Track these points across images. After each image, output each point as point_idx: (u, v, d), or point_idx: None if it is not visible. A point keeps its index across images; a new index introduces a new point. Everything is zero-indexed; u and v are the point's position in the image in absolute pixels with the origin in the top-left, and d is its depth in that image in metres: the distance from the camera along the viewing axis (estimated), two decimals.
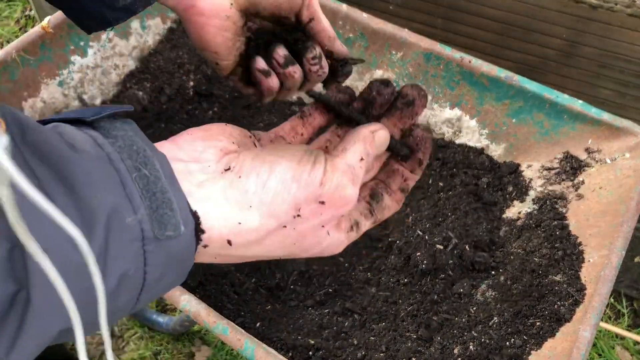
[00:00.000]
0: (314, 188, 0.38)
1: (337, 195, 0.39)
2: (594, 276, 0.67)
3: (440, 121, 0.91)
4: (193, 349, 1.32)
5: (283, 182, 0.38)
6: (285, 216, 0.38)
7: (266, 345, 0.64)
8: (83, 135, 0.33)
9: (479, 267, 0.75)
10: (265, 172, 0.38)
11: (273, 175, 0.38)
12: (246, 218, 0.37)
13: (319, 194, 0.39)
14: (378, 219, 0.46)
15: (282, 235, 0.39)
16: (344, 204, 0.40)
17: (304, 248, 0.41)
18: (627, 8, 0.89)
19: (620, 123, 0.78)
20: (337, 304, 0.74)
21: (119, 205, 0.31)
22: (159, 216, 0.33)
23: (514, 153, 0.87)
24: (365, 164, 0.42)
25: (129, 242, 0.31)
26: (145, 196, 0.32)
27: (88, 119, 0.35)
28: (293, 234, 0.39)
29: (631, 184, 0.73)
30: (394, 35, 0.89)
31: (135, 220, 0.31)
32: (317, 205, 0.39)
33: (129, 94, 0.97)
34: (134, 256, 0.32)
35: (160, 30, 1.03)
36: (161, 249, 0.33)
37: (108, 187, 0.31)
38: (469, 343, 0.67)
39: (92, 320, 0.31)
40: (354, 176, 0.41)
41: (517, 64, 1.06)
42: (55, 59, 0.89)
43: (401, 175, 0.49)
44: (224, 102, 1.03)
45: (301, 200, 0.38)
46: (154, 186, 0.33)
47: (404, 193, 0.49)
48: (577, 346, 0.60)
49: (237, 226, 0.37)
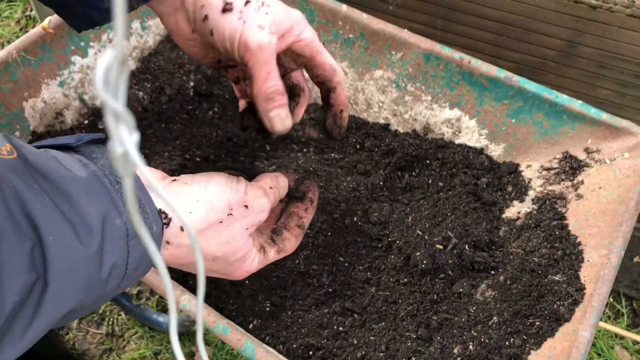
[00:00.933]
0: (241, 194, 0.52)
1: (256, 203, 0.53)
2: (593, 276, 0.67)
3: (440, 121, 0.92)
4: (193, 349, 1.32)
5: (220, 186, 0.51)
6: (222, 213, 0.50)
7: (266, 345, 0.65)
8: (71, 158, 0.42)
9: (479, 266, 0.75)
10: (204, 179, 0.51)
11: (211, 181, 0.51)
12: (195, 208, 0.48)
13: (244, 199, 0.52)
14: (280, 248, 0.59)
15: (219, 230, 0.50)
16: (260, 210, 0.54)
17: (233, 251, 0.51)
18: (626, 8, 0.90)
19: (620, 123, 0.78)
20: (337, 303, 0.75)
21: (109, 210, 0.40)
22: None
23: (513, 153, 0.88)
24: (273, 193, 0.57)
25: (118, 239, 0.40)
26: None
27: (73, 144, 0.44)
28: (226, 232, 0.50)
29: (630, 184, 0.73)
30: (394, 36, 0.89)
31: (122, 222, 0.41)
32: (243, 209, 0.52)
33: (130, 94, 0.97)
34: (121, 250, 0.41)
35: (160, 31, 1.03)
36: (139, 245, 0.42)
37: (99, 197, 0.40)
38: (468, 343, 0.67)
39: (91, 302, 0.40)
40: (267, 193, 0.55)
41: (516, 64, 1.06)
42: (55, 59, 0.89)
43: (297, 216, 0.63)
44: (224, 102, 1.03)
45: (233, 202, 0.51)
46: None
47: (301, 229, 0.63)
48: (576, 346, 0.60)
49: (188, 215, 0.48)
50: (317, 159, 0.90)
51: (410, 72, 0.91)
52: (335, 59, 0.96)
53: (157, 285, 0.66)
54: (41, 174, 0.38)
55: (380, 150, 0.90)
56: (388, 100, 0.95)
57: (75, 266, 0.37)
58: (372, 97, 0.96)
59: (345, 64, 0.96)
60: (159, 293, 0.67)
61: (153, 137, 0.95)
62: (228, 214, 0.50)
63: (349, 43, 0.94)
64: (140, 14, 0.99)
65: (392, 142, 0.90)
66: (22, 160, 0.37)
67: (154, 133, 0.96)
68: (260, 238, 0.57)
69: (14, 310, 0.34)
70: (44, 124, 0.90)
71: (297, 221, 0.63)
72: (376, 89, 0.95)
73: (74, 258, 0.37)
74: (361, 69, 0.95)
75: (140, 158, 0.21)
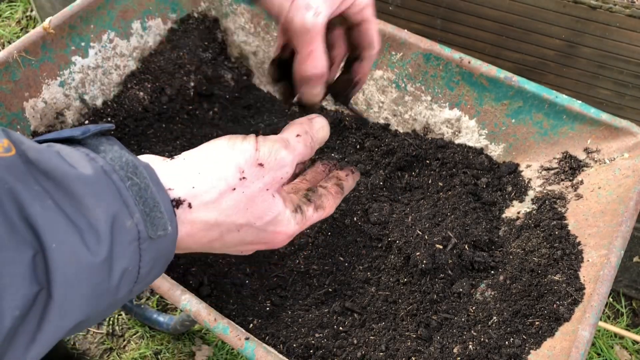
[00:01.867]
0: (251, 152, 0.46)
1: (273, 158, 0.47)
2: (593, 276, 0.67)
3: (440, 121, 0.92)
4: (193, 348, 1.33)
5: (222, 149, 0.46)
6: (233, 179, 0.45)
7: (266, 345, 0.65)
8: (76, 152, 0.38)
9: (478, 266, 0.75)
10: (204, 147, 0.46)
11: (212, 147, 0.46)
12: (197, 181, 0.44)
13: (256, 157, 0.46)
14: (318, 205, 0.53)
15: (234, 198, 0.45)
16: (280, 166, 0.47)
17: (258, 215, 0.46)
18: (626, 9, 0.90)
19: (619, 123, 0.78)
20: (337, 303, 0.75)
21: (119, 211, 0.36)
22: (152, 218, 0.38)
23: (513, 153, 0.88)
24: (303, 140, 0.50)
25: (128, 243, 0.37)
26: (139, 201, 0.38)
27: (78, 137, 0.40)
28: (243, 197, 0.45)
29: (630, 184, 0.73)
30: (394, 36, 0.89)
31: (133, 223, 0.37)
32: (257, 168, 0.46)
33: (130, 95, 0.97)
34: (132, 254, 0.37)
35: (161, 31, 1.03)
36: (152, 247, 0.39)
37: (107, 196, 0.36)
38: (468, 342, 0.68)
39: (101, 311, 0.37)
40: (287, 144, 0.48)
41: (516, 64, 1.07)
42: (56, 59, 0.89)
43: (336, 177, 0.58)
44: (225, 103, 1.03)
45: (242, 163, 0.45)
46: (145, 192, 0.38)
47: (341, 189, 0.57)
48: (576, 345, 0.60)
49: (191, 190, 0.43)
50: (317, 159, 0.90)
51: (410, 72, 0.91)
52: None
53: (157, 285, 0.66)
54: (43, 173, 0.35)
55: (380, 150, 0.90)
56: (388, 100, 0.95)
57: (82, 275, 0.34)
58: (372, 97, 0.96)
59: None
60: (159, 293, 0.67)
61: (153, 137, 0.96)
62: (240, 178, 0.45)
63: None
64: (140, 14, 0.99)
65: (392, 142, 0.90)
66: (21, 157, 0.34)
67: (154, 133, 0.96)
68: (295, 197, 0.52)
69: (14, 326, 0.31)
70: (44, 124, 0.90)
71: (335, 181, 0.57)
72: (376, 89, 0.95)
73: (80, 266, 0.34)
74: None
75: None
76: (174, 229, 0.41)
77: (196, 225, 0.44)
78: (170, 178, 0.43)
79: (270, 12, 0.52)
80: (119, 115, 0.95)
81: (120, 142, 0.93)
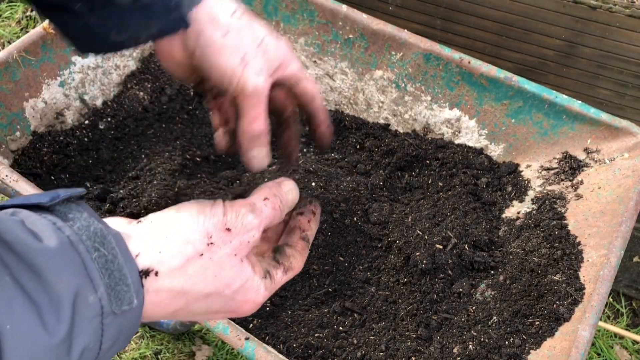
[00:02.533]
0: (219, 217, 0.46)
1: (240, 222, 0.47)
2: (592, 276, 0.67)
3: (440, 121, 0.92)
4: (193, 348, 1.33)
5: (190, 214, 0.45)
6: (200, 243, 0.44)
7: (266, 345, 0.65)
8: (43, 221, 0.37)
9: (478, 266, 0.75)
10: (172, 211, 0.46)
11: (181, 212, 0.46)
12: (164, 245, 0.43)
13: (224, 222, 0.46)
14: (287, 267, 0.53)
15: (201, 264, 0.44)
16: (247, 230, 0.47)
17: (226, 282, 0.45)
18: (626, 9, 0.90)
19: (619, 123, 0.78)
20: (337, 303, 0.75)
21: (82, 285, 0.35)
22: (117, 292, 0.37)
23: (513, 153, 0.88)
24: (271, 203, 0.50)
25: (90, 319, 0.36)
26: (104, 274, 0.37)
27: (46, 204, 0.39)
28: (211, 264, 0.44)
29: (630, 184, 0.73)
30: (394, 36, 0.89)
31: (96, 298, 0.36)
32: (224, 233, 0.46)
33: (130, 95, 0.97)
34: (94, 331, 0.36)
35: None
36: (116, 322, 0.38)
37: (71, 270, 0.35)
38: (468, 342, 0.68)
39: None
40: (254, 207, 0.48)
41: (516, 64, 1.07)
42: (56, 59, 0.89)
43: (299, 229, 0.57)
44: None
45: (210, 228, 0.45)
46: (111, 265, 0.38)
47: (306, 242, 0.57)
48: (576, 345, 0.60)
49: (158, 255, 0.42)
50: (317, 159, 0.90)
51: (410, 73, 0.91)
52: (335, 59, 0.96)
53: None
54: (4, 244, 0.34)
55: (380, 150, 0.90)
56: (388, 100, 0.95)
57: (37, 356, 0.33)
58: (372, 97, 0.96)
59: (345, 64, 0.96)
60: None
61: (153, 137, 0.96)
62: (208, 244, 0.44)
63: (348, 43, 0.94)
64: None
65: (392, 142, 0.90)
66: None
67: (154, 133, 0.96)
68: (263, 262, 0.52)
69: None
70: (44, 124, 0.90)
71: (299, 234, 0.57)
72: (376, 89, 0.95)
73: (36, 347, 0.33)
74: (361, 69, 0.95)
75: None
76: (140, 302, 0.39)
77: (161, 293, 0.42)
78: (138, 243, 0.42)
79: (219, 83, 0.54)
80: (119, 115, 0.95)
81: (120, 142, 0.94)
